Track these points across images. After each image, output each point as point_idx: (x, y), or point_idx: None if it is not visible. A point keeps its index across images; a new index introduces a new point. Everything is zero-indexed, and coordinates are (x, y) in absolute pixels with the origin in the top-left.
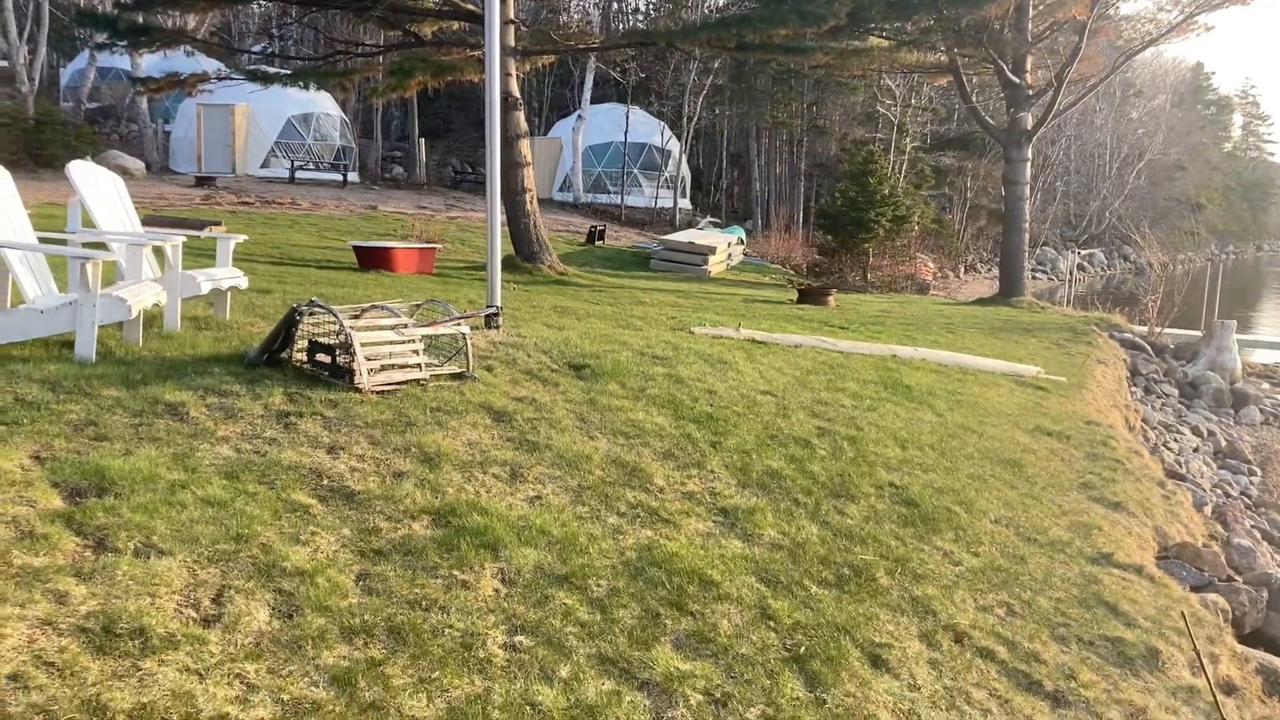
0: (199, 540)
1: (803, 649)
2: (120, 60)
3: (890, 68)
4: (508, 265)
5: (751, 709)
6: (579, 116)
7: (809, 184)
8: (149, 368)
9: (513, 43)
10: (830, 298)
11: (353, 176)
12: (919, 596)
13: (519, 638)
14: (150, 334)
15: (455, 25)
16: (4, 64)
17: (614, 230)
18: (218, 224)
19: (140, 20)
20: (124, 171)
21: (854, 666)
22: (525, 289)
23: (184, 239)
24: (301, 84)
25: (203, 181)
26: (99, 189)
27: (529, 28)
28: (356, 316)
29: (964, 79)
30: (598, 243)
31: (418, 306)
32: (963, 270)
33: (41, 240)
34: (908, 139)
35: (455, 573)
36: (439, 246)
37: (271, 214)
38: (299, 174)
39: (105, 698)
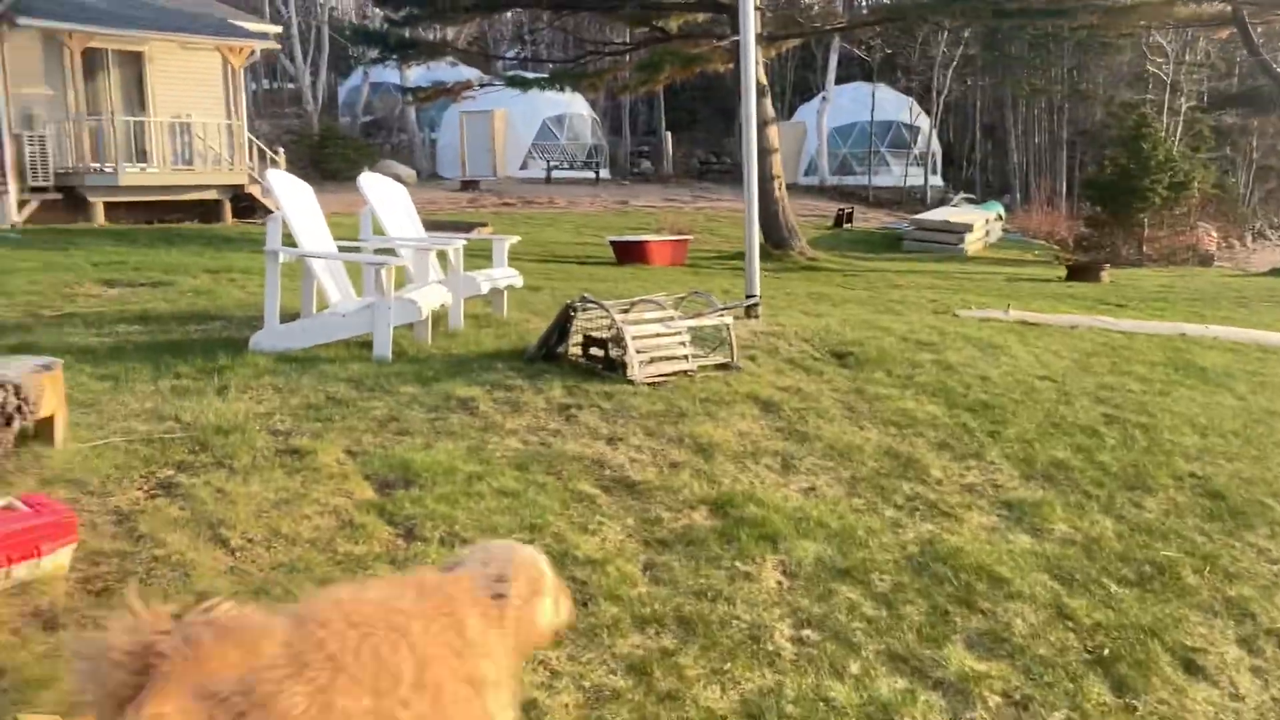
0: (497, 529)
1: (1106, 651)
2: (390, 75)
3: (1162, 23)
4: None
5: (1055, 713)
6: (823, 98)
7: (1071, 153)
8: (439, 365)
9: (759, 29)
10: (1103, 273)
11: (604, 173)
12: (1233, 597)
13: (805, 631)
14: (437, 333)
15: (701, 17)
16: (291, 86)
17: (861, 212)
18: (484, 225)
19: (407, 34)
20: (397, 179)
21: (1165, 672)
22: (776, 276)
23: (464, 242)
24: (557, 86)
25: (467, 185)
26: (387, 198)
27: (773, 13)
28: (626, 310)
29: (1250, 29)
30: (845, 226)
31: (681, 299)
32: (1250, 238)
33: (340, 249)
34: (1182, 98)
35: (737, 564)
36: (691, 238)
37: (532, 214)
38: (554, 173)
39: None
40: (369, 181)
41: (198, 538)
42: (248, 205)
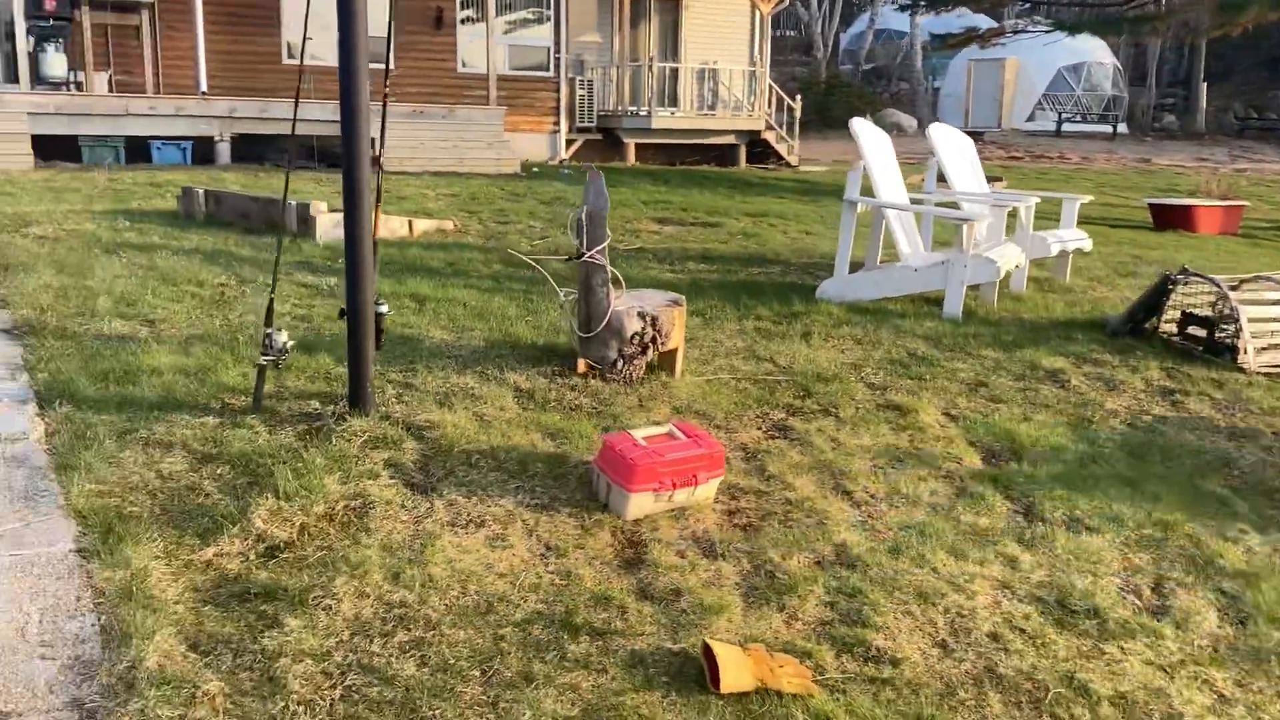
0: (1123, 521)
1: None
2: (894, 21)
3: None
4: None
5: None
6: None
7: None
8: (1013, 329)
9: None
10: None
11: (1121, 127)
12: None
13: None
14: (1000, 294)
15: None
16: (792, 34)
17: None
18: (999, 179)
19: None
20: (898, 128)
21: None
22: None
23: (1037, 200)
24: (1113, 31)
25: (970, 136)
26: (953, 150)
27: None
28: (1234, 287)
29: None
30: None
31: None
32: None
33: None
34: None
35: None
36: (1246, 204)
37: (1042, 168)
38: (1064, 126)
39: (1082, 677)
40: (938, 132)
41: (822, 486)
42: (760, 150)
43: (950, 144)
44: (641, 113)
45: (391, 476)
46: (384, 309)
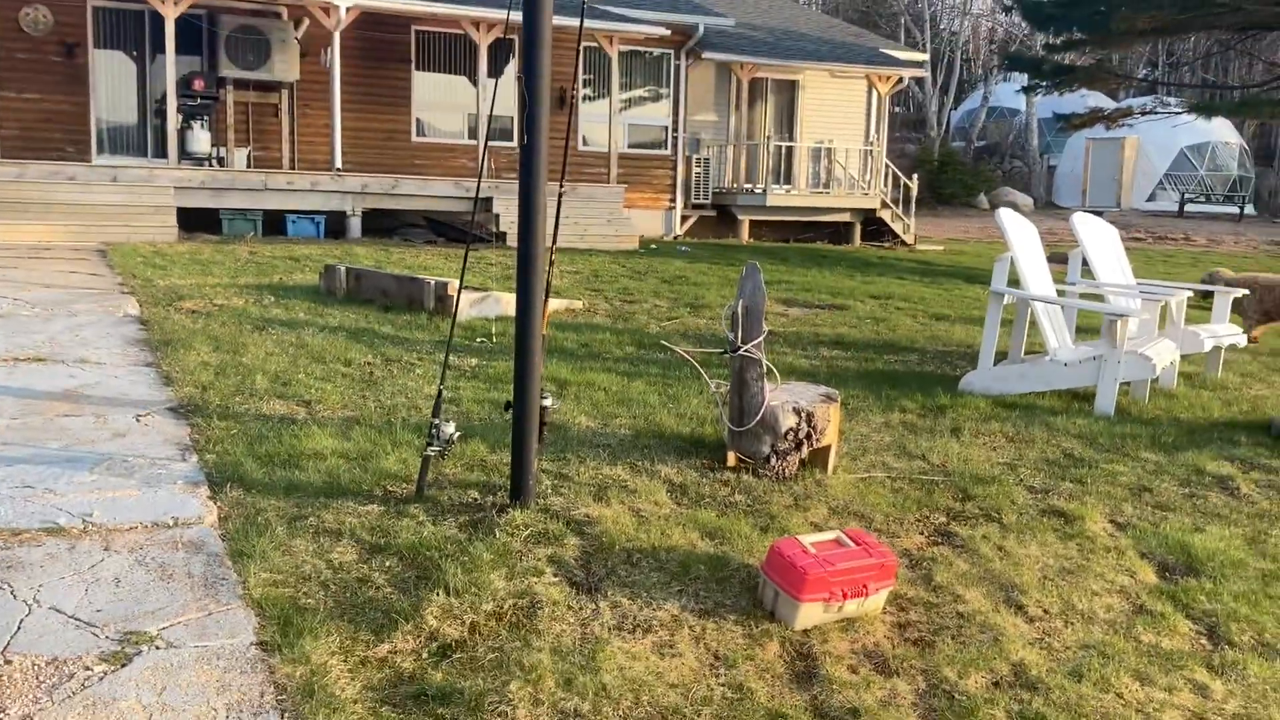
0: None
1: None
2: (1007, 99)
3: None
4: None
5: None
6: None
7: None
8: (1170, 430)
9: None
10: None
11: (1248, 209)
12: None
13: None
14: (1151, 391)
15: None
16: (898, 110)
17: None
18: None
19: (1065, 61)
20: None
21: None
22: None
23: (1189, 293)
24: (1251, 114)
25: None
26: (1098, 240)
27: None
28: None
29: None
30: None
31: None
32: None
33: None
34: None
35: None
36: None
37: (1167, 250)
38: (1188, 207)
39: None
40: (1083, 222)
41: (993, 598)
42: (875, 229)
43: (1095, 234)
44: (756, 190)
45: (555, 574)
46: (549, 403)
